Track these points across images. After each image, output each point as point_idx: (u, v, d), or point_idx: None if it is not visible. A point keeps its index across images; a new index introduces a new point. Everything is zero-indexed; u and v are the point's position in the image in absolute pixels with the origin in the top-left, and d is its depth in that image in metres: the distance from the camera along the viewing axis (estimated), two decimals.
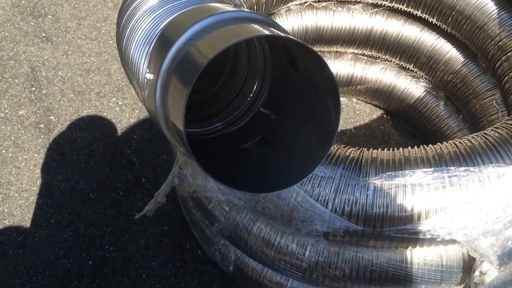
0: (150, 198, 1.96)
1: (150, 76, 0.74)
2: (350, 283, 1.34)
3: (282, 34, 0.64)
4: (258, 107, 0.88)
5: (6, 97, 2.29)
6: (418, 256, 1.28)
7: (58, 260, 1.80)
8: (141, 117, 2.25)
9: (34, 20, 2.64)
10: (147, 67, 0.77)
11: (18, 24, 2.61)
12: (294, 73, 0.76)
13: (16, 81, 2.36)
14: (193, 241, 1.86)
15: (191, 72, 0.63)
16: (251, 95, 0.89)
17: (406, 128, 2.30)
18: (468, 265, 1.27)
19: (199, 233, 1.72)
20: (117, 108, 2.28)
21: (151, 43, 0.79)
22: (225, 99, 0.95)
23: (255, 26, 0.67)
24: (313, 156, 0.71)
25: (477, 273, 1.24)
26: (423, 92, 2.13)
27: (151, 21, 0.82)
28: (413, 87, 2.15)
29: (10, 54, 2.47)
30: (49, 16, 2.67)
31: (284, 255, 1.37)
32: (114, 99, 2.32)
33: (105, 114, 2.25)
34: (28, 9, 2.69)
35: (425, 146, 1.19)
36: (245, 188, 0.71)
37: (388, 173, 1.11)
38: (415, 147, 1.19)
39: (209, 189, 1.26)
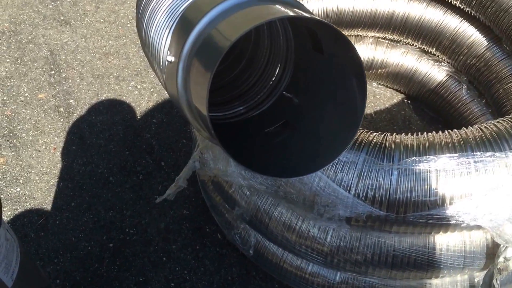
0: (169, 182, 1.98)
1: (171, 59, 0.74)
2: (371, 268, 1.34)
3: (307, 15, 0.62)
4: (281, 91, 0.87)
5: (26, 80, 2.30)
6: (441, 242, 1.27)
7: (79, 243, 1.82)
8: (160, 101, 2.25)
9: (53, 3, 2.64)
10: (168, 50, 0.77)
11: (36, 7, 2.62)
12: (318, 56, 0.74)
13: (35, 64, 2.37)
14: (213, 225, 1.87)
15: (213, 56, 0.62)
16: (273, 79, 0.88)
17: (427, 113, 2.27)
18: (492, 251, 1.26)
19: (219, 217, 1.72)
20: (136, 92, 2.28)
21: (172, 26, 0.78)
22: (246, 83, 0.93)
23: (279, 7, 0.66)
24: (339, 140, 0.70)
25: (501, 259, 1.22)
26: (445, 76, 2.09)
27: (171, 3, 0.81)
28: (434, 71, 2.12)
29: (29, 37, 2.48)
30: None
31: (306, 240, 1.37)
32: (133, 83, 2.32)
33: (124, 98, 2.25)
34: None
35: (450, 131, 1.17)
36: (269, 173, 0.69)
37: (413, 158, 1.10)
38: (439, 132, 1.18)
39: (230, 174, 1.26)
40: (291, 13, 0.60)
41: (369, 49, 2.18)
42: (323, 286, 1.55)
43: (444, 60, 2.08)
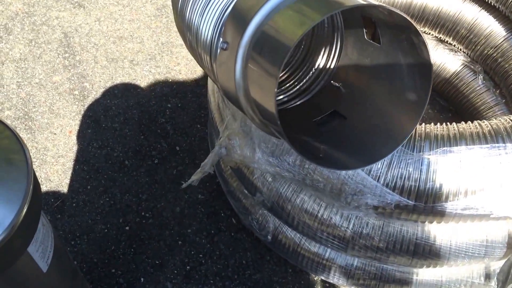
0: (184, 167, 1.99)
1: (225, 46, 0.73)
2: (392, 256, 1.35)
3: (387, 7, 0.60)
4: (326, 79, 0.87)
5: (40, 62, 2.29)
6: (463, 231, 1.29)
7: (96, 225, 1.83)
8: (174, 86, 2.25)
9: None
10: (221, 36, 0.76)
11: None
12: (373, 45, 0.74)
13: (50, 46, 2.36)
14: (228, 209, 1.88)
15: (278, 52, 0.60)
16: (315, 67, 0.87)
17: (438, 101, 2.28)
18: None
19: (236, 203, 1.73)
20: (151, 77, 2.28)
21: (226, 9, 0.78)
22: (286, 71, 0.93)
23: None
24: (395, 133, 0.70)
25: None
26: (460, 66, 2.10)
27: None
28: (450, 61, 2.12)
29: (43, 19, 2.47)
30: None
31: (327, 227, 1.39)
32: (147, 67, 2.31)
33: (138, 82, 2.25)
34: None
35: (480, 121, 1.18)
36: (331, 165, 0.68)
37: (443, 148, 1.11)
38: (469, 122, 1.19)
39: (257, 161, 1.27)
40: (362, 2, 0.59)
41: None
42: (340, 272, 1.57)
43: (461, 49, 2.08)
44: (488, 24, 1.93)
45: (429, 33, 2.12)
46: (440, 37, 2.11)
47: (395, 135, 0.69)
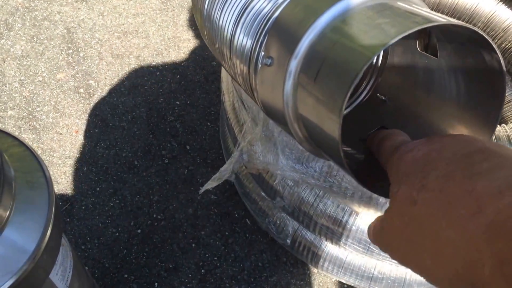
0: (195, 166, 1.95)
1: (270, 62, 0.68)
2: None
3: (468, 25, 0.53)
4: (368, 90, 0.82)
5: (43, 59, 2.23)
6: None
7: (106, 229, 1.79)
8: (183, 82, 2.19)
9: None
10: (263, 51, 0.71)
11: None
12: (428, 58, 0.69)
13: (52, 43, 2.29)
14: (241, 210, 1.84)
15: (343, 76, 0.54)
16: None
17: None
18: None
19: (252, 205, 1.69)
20: (158, 73, 2.22)
21: (266, 19, 0.72)
22: None
23: (419, 10, 0.59)
24: None
25: None
26: None
27: None
28: None
29: (44, 14, 2.39)
30: None
31: (351, 232, 1.35)
32: (154, 63, 2.25)
33: (145, 78, 2.19)
34: None
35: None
36: (375, 190, 0.63)
37: None
38: (503, 125, 1.14)
39: (280, 167, 1.22)
40: (442, 20, 0.53)
41: None
42: (361, 276, 1.54)
43: None
44: (507, 17, 1.88)
45: None
46: None
47: None
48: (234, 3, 0.84)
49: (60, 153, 1.96)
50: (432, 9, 1.98)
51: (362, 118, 0.80)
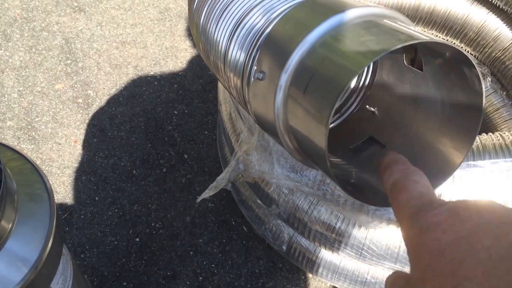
0: (193, 175, 1.97)
1: (262, 76, 0.71)
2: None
3: (448, 43, 0.56)
4: (358, 101, 0.85)
5: (42, 70, 2.26)
6: None
7: (105, 237, 1.81)
8: (180, 91, 2.22)
9: None
10: (255, 65, 0.74)
11: None
12: (413, 71, 0.72)
13: (51, 53, 2.32)
14: (238, 217, 1.87)
15: (329, 91, 0.58)
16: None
17: None
18: None
19: (248, 212, 1.72)
20: (156, 83, 2.25)
21: (259, 34, 0.75)
22: None
23: (400, 26, 0.62)
24: (437, 166, 0.68)
25: None
26: None
27: (252, 10, 0.78)
28: None
29: (43, 25, 2.43)
30: None
31: (345, 238, 1.38)
32: (152, 73, 2.28)
33: (143, 88, 2.22)
34: None
35: (501, 133, 1.17)
36: (361, 198, 0.66)
37: (466, 162, 1.10)
38: (490, 134, 1.17)
39: (275, 176, 1.25)
40: (425, 38, 0.56)
41: None
42: (354, 280, 1.56)
43: (469, 52, 2.07)
44: (496, 27, 1.92)
45: (437, 36, 2.11)
46: (448, 40, 2.09)
47: (439, 168, 0.66)
48: (229, 19, 0.87)
49: (59, 163, 1.98)
50: (426, 19, 2.02)
51: (352, 129, 0.83)
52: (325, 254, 1.58)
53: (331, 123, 0.86)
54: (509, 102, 2.02)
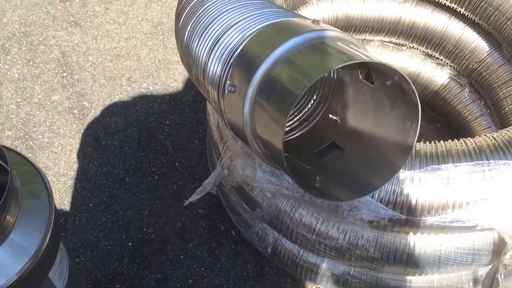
0: (184, 182, 2.06)
1: (233, 89, 0.80)
2: (387, 265, 1.42)
3: (381, 61, 0.66)
4: (324, 112, 0.94)
5: (39, 82, 2.35)
6: (452, 240, 1.36)
7: (99, 242, 1.89)
8: (172, 102, 2.32)
9: (62, 4, 2.68)
10: (228, 79, 0.83)
11: (45, 8, 2.66)
12: (367, 84, 0.81)
13: (48, 66, 2.41)
14: (227, 223, 1.95)
15: (286, 100, 0.68)
16: (313, 100, 0.95)
17: (427, 113, 2.37)
18: (498, 248, 1.36)
19: (236, 217, 1.80)
20: (148, 94, 2.34)
21: (233, 52, 0.85)
22: None
23: (348, 48, 0.72)
24: (389, 164, 0.77)
25: (507, 256, 1.32)
26: (447, 79, 2.19)
27: (228, 31, 0.87)
28: (437, 74, 2.21)
29: (40, 39, 2.52)
30: (76, 0, 2.72)
31: (325, 239, 1.46)
32: (145, 84, 2.38)
33: (137, 99, 2.31)
34: None
35: (465, 139, 1.26)
36: (324, 196, 0.76)
37: (432, 166, 1.18)
38: (455, 140, 1.26)
39: (258, 180, 1.34)
40: (365, 57, 0.66)
41: (375, 52, 2.26)
42: (336, 281, 1.64)
43: (447, 63, 2.17)
44: (473, 40, 2.03)
45: (417, 48, 2.21)
46: (428, 52, 2.20)
47: (387, 168, 0.76)
48: (208, 37, 0.97)
49: (55, 171, 2.06)
50: (406, 32, 2.12)
51: (317, 136, 0.93)
52: (309, 256, 1.65)
53: (299, 131, 0.96)
54: (487, 111, 2.11)
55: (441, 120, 2.33)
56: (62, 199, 1.99)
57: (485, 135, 1.27)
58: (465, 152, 1.20)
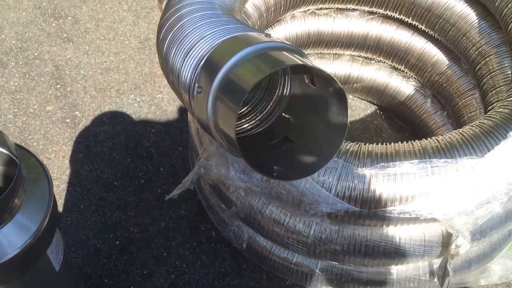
0: (168, 186, 2.21)
1: (200, 90, 0.97)
2: (348, 257, 1.58)
3: (312, 64, 0.85)
4: (280, 112, 1.12)
5: (34, 94, 2.51)
6: (405, 233, 1.52)
7: (89, 241, 2.03)
8: (158, 112, 2.48)
9: (56, 22, 2.86)
10: (197, 83, 1.00)
11: (41, 25, 2.83)
12: (311, 86, 0.99)
13: (42, 79, 2.58)
14: (207, 223, 2.09)
15: (238, 94, 0.85)
16: (271, 103, 1.13)
17: (396, 122, 2.54)
18: (446, 240, 1.51)
19: (215, 216, 1.95)
20: (136, 104, 2.51)
21: (200, 64, 1.02)
22: (250, 104, 1.19)
23: (289, 55, 0.90)
24: (326, 152, 0.96)
25: (453, 246, 1.48)
26: (412, 91, 2.36)
27: (197, 43, 1.05)
28: (403, 86, 2.39)
29: (35, 53, 2.69)
30: (69, 18, 2.89)
31: (292, 233, 1.61)
32: (132, 96, 2.54)
33: (125, 109, 2.48)
34: (49, 10, 2.91)
35: (412, 141, 1.42)
36: (277, 177, 0.93)
37: (381, 164, 1.35)
38: (404, 142, 1.43)
39: (230, 178, 1.50)
40: (299, 62, 0.85)
41: (346, 65, 2.44)
42: (306, 274, 1.78)
43: (412, 76, 2.35)
44: (434, 54, 2.20)
45: (384, 62, 2.39)
46: (394, 65, 2.37)
47: (326, 154, 0.94)
48: (182, 49, 1.14)
49: None
50: (373, 46, 2.30)
51: (274, 133, 1.11)
52: (281, 251, 1.80)
53: (259, 128, 1.14)
54: (449, 120, 2.28)
55: (409, 130, 2.50)
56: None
57: (430, 138, 1.44)
58: (411, 152, 1.37)
